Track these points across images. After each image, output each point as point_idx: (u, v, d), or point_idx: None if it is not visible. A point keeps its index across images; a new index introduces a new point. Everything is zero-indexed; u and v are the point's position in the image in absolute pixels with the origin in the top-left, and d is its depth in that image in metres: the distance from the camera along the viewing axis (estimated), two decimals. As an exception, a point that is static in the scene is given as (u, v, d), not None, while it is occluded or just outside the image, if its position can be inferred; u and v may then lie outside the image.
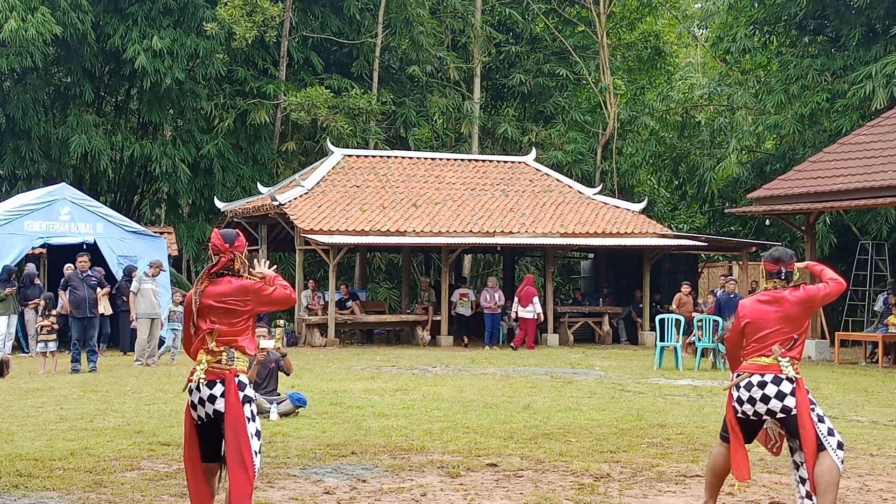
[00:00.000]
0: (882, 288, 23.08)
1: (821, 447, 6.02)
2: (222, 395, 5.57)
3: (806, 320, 6.27)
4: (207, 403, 5.59)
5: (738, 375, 6.22)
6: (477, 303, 23.87)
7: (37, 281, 19.44)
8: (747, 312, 6.31)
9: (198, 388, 5.61)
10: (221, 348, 5.64)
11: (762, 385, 6.07)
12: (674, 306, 20.35)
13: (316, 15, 31.18)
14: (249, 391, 5.67)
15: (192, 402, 5.67)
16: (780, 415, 6.09)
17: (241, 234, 5.92)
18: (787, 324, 6.16)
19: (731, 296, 17.69)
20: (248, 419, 5.58)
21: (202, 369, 5.60)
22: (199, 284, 5.72)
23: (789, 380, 6.05)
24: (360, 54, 31.61)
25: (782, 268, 6.30)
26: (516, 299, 22.47)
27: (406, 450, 8.73)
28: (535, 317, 22.23)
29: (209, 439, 5.69)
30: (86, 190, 25.48)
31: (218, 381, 5.59)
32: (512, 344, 22.20)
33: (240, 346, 5.70)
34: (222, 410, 5.56)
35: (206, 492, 5.73)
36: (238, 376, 5.63)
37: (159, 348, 17.78)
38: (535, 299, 22.23)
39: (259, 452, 5.61)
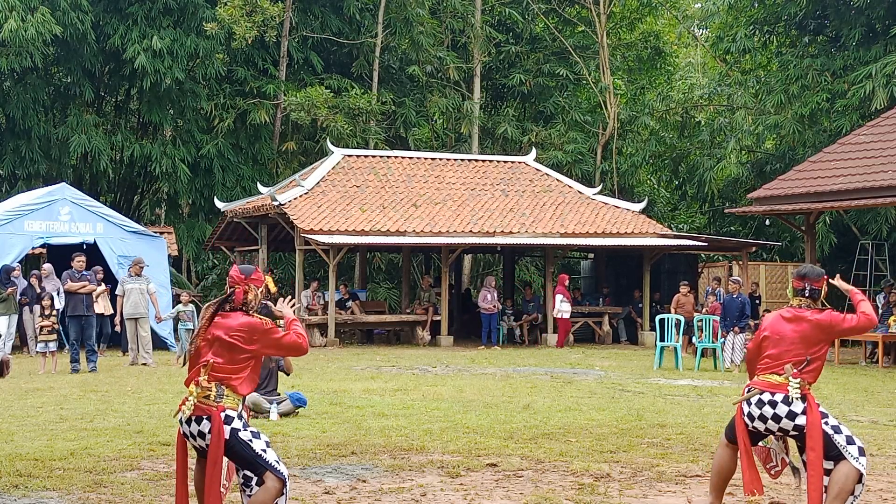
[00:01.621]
0: (881, 288, 23.07)
1: (840, 457, 6.01)
2: (209, 432, 5.50)
3: (822, 345, 6.16)
4: (198, 438, 5.55)
5: (749, 390, 6.19)
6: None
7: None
8: (768, 325, 6.27)
9: (187, 423, 5.56)
10: (212, 384, 5.52)
11: (773, 404, 6.05)
12: (672, 307, 20.36)
13: (316, 15, 31.18)
14: (237, 423, 5.53)
15: (182, 431, 5.62)
16: (792, 433, 6.10)
17: (258, 269, 5.86)
18: (802, 345, 6.10)
19: (734, 296, 17.65)
20: (249, 440, 5.51)
21: (190, 404, 5.50)
22: (207, 310, 5.63)
23: (799, 400, 6.01)
24: (360, 54, 31.61)
25: (807, 284, 6.22)
26: (562, 297, 22.87)
27: (406, 450, 8.73)
28: (560, 315, 22.64)
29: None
30: (86, 190, 25.49)
31: (205, 417, 5.50)
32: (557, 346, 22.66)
33: (232, 385, 5.56)
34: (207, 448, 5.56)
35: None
36: (225, 411, 5.50)
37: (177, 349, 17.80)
38: (558, 297, 22.67)
39: (279, 461, 5.58)
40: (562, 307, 22.68)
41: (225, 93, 29.77)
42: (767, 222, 26.44)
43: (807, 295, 6.23)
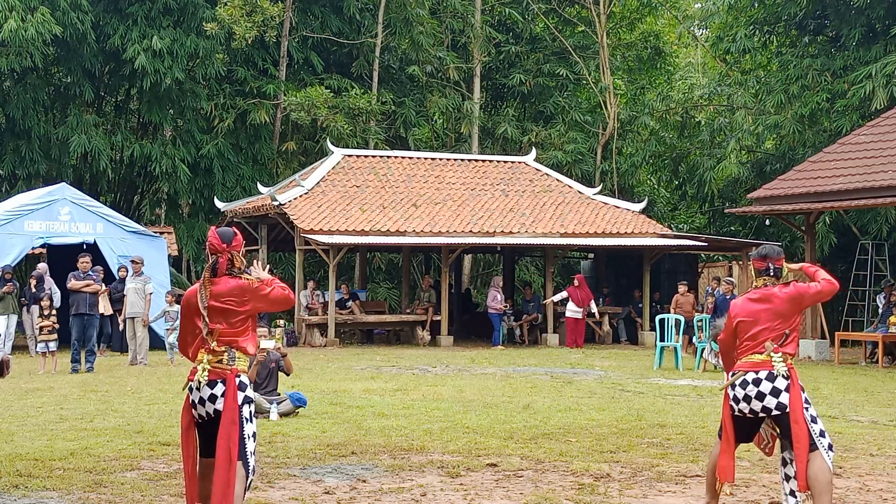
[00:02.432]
0: (881, 288, 23.07)
1: (813, 447, 6.04)
2: (223, 395, 5.58)
3: (796, 316, 6.26)
4: (208, 403, 5.60)
5: (733, 374, 6.24)
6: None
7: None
8: (738, 311, 6.31)
9: (198, 388, 5.61)
10: (223, 348, 5.64)
11: (757, 382, 6.08)
12: (671, 307, 20.39)
13: (316, 15, 31.18)
14: (250, 392, 5.70)
15: (192, 400, 5.67)
16: (775, 412, 6.10)
17: (238, 232, 5.88)
18: (777, 320, 6.16)
19: (728, 297, 17.70)
20: (246, 420, 5.59)
21: (204, 369, 5.60)
22: (204, 287, 5.67)
23: (783, 376, 6.07)
24: (360, 54, 31.61)
25: (770, 264, 6.30)
26: (566, 294, 23.02)
27: (406, 450, 8.73)
28: (568, 315, 22.87)
29: (209, 436, 5.69)
30: (86, 190, 25.48)
31: (219, 380, 5.60)
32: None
33: (241, 347, 5.70)
34: (222, 410, 5.59)
35: (204, 486, 5.73)
36: (239, 376, 5.64)
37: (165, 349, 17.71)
38: (562, 293, 23.13)
39: (254, 453, 5.64)
40: (570, 306, 22.76)
41: (225, 93, 29.77)
42: (767, 222, 26.40)
43: (771, 274, 6.30)
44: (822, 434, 6.11)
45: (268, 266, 6.22)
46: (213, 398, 5.59)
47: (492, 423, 10.30)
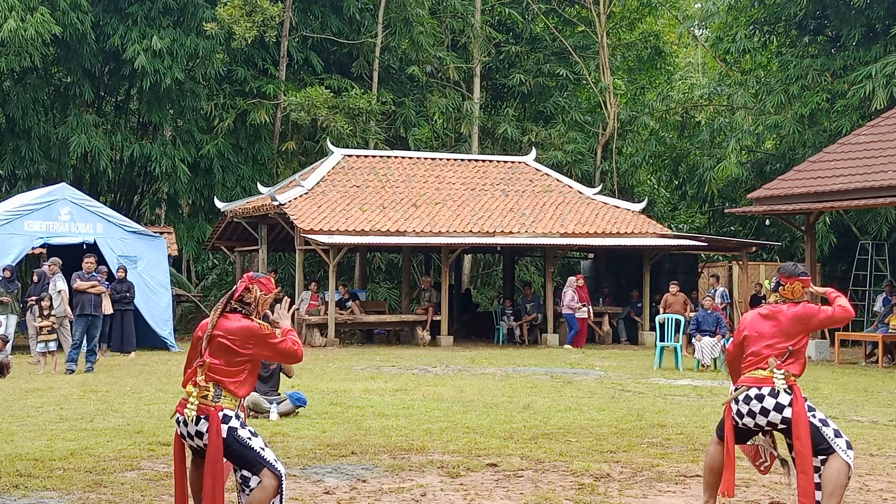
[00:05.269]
0: (881, 288, 23.08)
1: (829, 451, 6.05)
2: (207, 432, 5.49)
3: (802, 336, 6.23)
4: (195, 438, 5.54)
5: (736, 389, 6.26)
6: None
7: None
8: (747, 325, 6.36)
9: (185, 423, 5.55)
10: (209, 384, 5.51)
11: (760, 398, 6.10)
12: (661, 307, 20.39)
13: (316, 15, 31.17)
14: (235, 422, 5.53)
15: (180, 433, 5.62)
16: (780, 426, 6.14)
17: (271, 279, 5.85)
18: (782, 338, 6.18)
19: (709, 312, 17.69)
20: (249, 438, 5.52)
21: (192, 404, 5.50)
22: (214, 314, 5.63)
23: (785, 392, 6.07)
24: (360, 54, 31.60)
25: (777, 279, 6.34)
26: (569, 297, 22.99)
27: (406, 450, 8.73)
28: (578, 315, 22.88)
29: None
30: (86, 190, 25.47)
31: (202, 417, 5.49)
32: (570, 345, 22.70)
33: (228, 388, 5.54)
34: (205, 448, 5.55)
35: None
36: (223, 411, 5.50)
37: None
38: (568, 295, 22.98)
39: (277, 459, 5.59)
40: (574, 305, 22.78)
41: (225, 93, 29.75)
42: (767, 222, 26.42)
43: (776, 289, 6.34)
44: (837, 434, 6.10)
45: (295, 308, 6.19)
46: (198, 434, 5.51)
47: (492, 423, 10.30)
